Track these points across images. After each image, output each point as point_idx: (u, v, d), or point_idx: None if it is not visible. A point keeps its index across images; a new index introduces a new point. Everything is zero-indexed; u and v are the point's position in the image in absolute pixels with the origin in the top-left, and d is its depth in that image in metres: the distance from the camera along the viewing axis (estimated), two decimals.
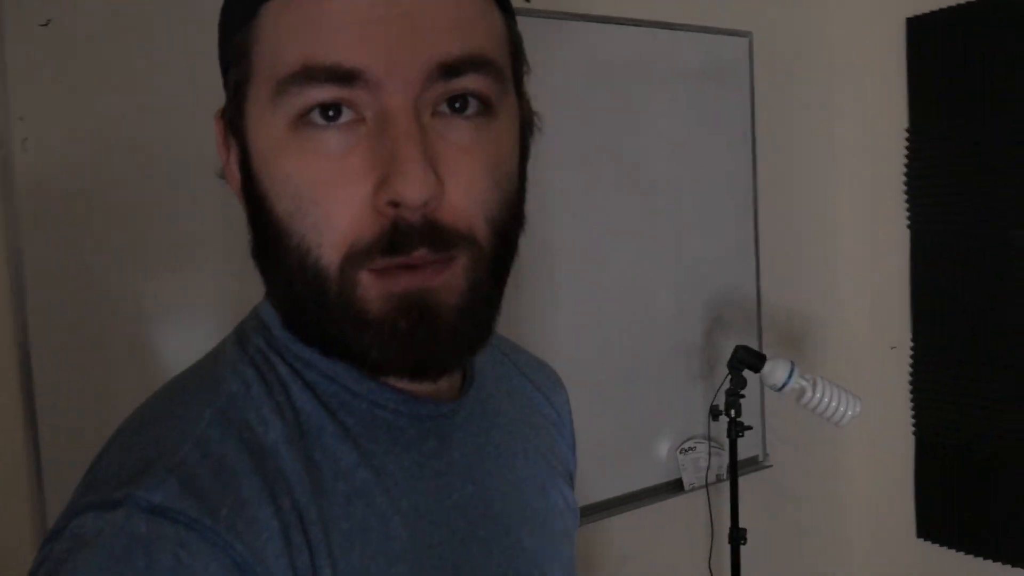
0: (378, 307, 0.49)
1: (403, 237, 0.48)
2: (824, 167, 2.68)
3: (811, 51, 2.64)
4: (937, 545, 2.55)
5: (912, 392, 2.58)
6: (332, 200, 0.48)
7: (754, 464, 2.46)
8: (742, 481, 2.16)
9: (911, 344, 2.57)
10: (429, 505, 0.55)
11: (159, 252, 1.52)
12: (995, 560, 2.39)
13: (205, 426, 0.50)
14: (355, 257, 0.49)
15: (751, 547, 2.11)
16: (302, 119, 0.48)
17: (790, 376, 1.80)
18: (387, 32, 0.47)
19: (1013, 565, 2.35)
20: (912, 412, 2.59)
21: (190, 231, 1.53)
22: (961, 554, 2.48)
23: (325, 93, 0.48)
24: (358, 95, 0.48)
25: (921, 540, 2.59)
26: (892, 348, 2.61)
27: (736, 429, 1.91)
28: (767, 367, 1.84)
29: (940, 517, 2.55)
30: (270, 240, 0.51)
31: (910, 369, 2.58)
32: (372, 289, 0.49)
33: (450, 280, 0.50)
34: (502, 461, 0.63)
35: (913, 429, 2.59)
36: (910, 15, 2.47)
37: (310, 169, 0.48)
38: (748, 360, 1.86)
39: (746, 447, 2.34)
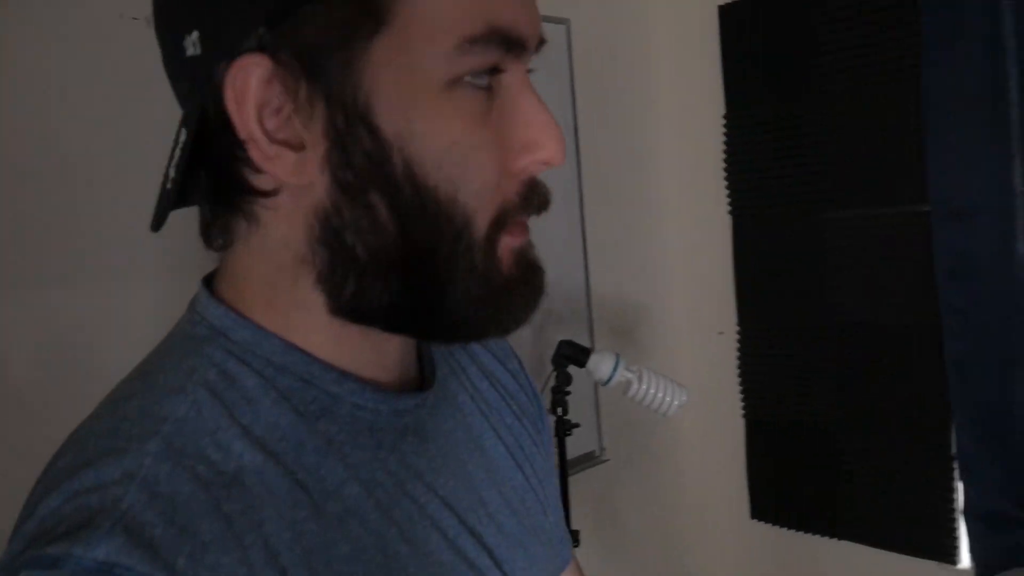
0: (508, 266, 0.50)
1: (535, 197, 0.50)
2: (646, 155, 2.66)
3: (629, 38, 2.61)
4: (770, 525, 2.57)
5: (740, 376, 2.59)
6: (489, 165, 0.48)
7: (591, 460, 2.40)
8: (578, 479, 2.08)
9: (737, 329, 2.58)
10: (420, 510, 0.53)
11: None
12: (825, 535, 2.43)
13: (151, 462, 0.45)
14: (500, 221, 0.49)
15: (586, 546, 2.03)
16: (457, 80, 0.47)
17: (615, 369, 1.73)
18: (533, 2, 0.49)
19: (841, 539, 2.40)
20: (741, 396, 2.60)
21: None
22: (793, 532, 2.52)
23: (495, 57, 0.47)
24: (511, 61, 0.48)
25: (755, 521, 2.60)
26: (719, 334, 2.62)
27: (564, 428, 1.82)
28: (592, 361, 1.76)
29: (772, 498, 2.57)
30: (410, 211, 0.47)
31: (737, 354, 2.58)
32: (505, 248, 0.50)
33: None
34: (473, 445, 0.61)
35: (743, 413, 2.60)
36: (722, 2, 2.47)
37: (470, 133, 0.47)
38: (572, 355, 1.78)
39: (582, 443, 2.27)
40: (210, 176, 0.49)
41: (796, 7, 2.31)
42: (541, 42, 0.51)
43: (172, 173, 0.47)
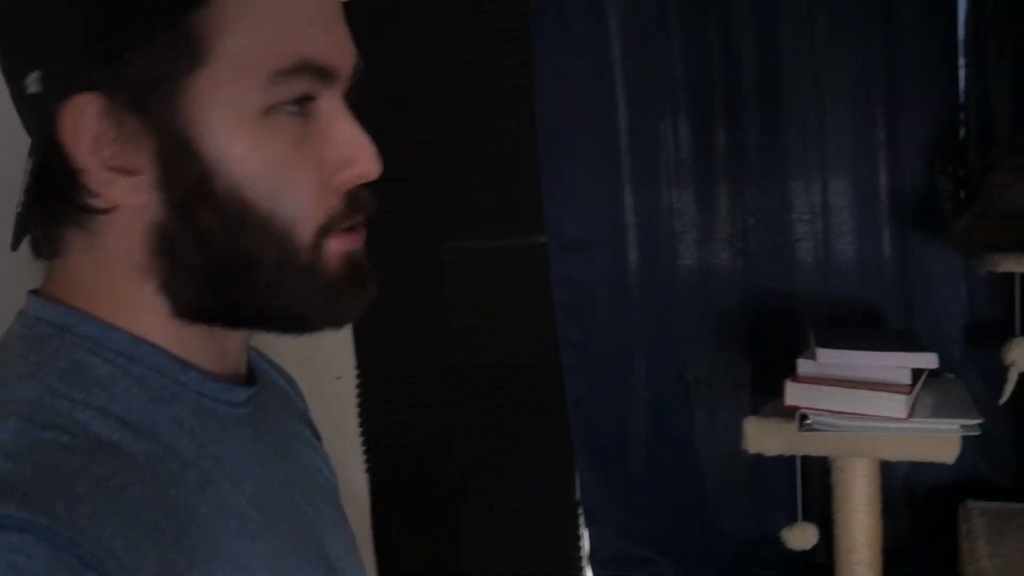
0: (336, 266, 0.56)
1: (358, 204, 0.57)
2: None
3: None
4: None
5: (361, 426, 2.28)
6: (307, 181, 0.54)
7: None
8: None
9: (356, 372, 2.27)
10: (263, 487, 0.58)
11: None
12: None
13: (12, 436, 0.47)
14: (326, 228, 0.55)
15: None
16: (272, 108, 0.52)
17: None
18: (345, 34, 0.57)
19: None
20: (363, 448, 2.29)
21: None
22: None
23: (306, 86, 0.53)
24: (324, 88, 0.54)
25: None
26: (337, 378, 2.29)
27: None
28: None
29: (399, 550, 2.29)
30: (234, 224, 0.53)
31: (357, 400, 2.28)
32: (332, 251, 0.55)
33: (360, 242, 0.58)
34: (289, 444, 0.67)
35: (366, 466, 2.29)
36: None
37: (285, 154, 0.53)
38: None
39: None
40: (52, 197, 0.53)
41: (406, 24, 2.07)
42: (358, 67, 0.58)
43: (21, 197, 0.53)
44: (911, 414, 1.46)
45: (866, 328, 1.79)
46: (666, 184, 1.92)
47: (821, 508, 1.79)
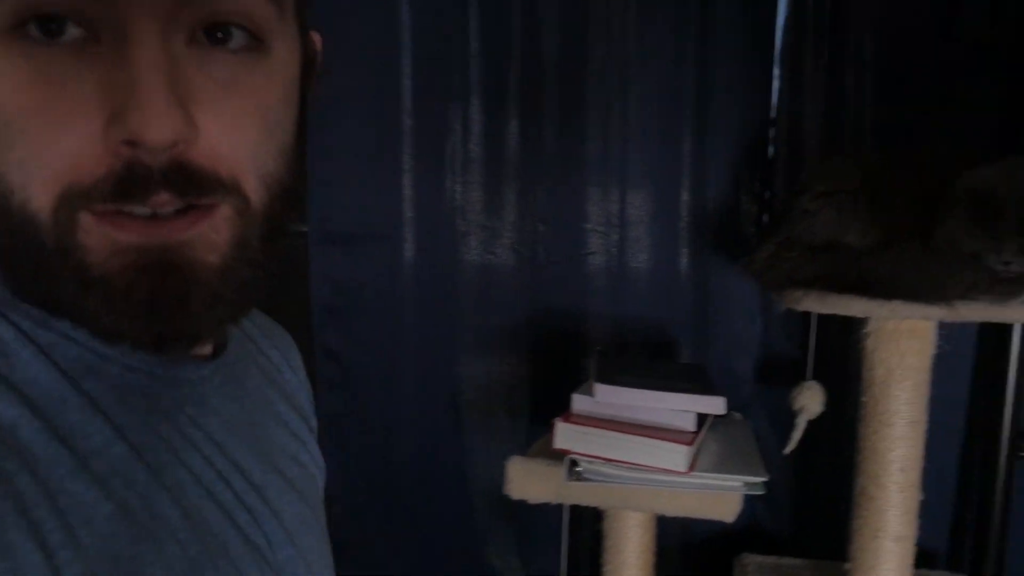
0: (105, 260, 0.42)
1: (138, 182, 0.41)
2: None
3: None
4: None
5: None
6: (46, 133, 0.41)
7: None
8: None
9: None
10: (196, 480, 0.49)
11: None
12: None
13: None
14: (72, 199, 0.41)
15: None
16: (16, 33, 0.40)
17: None
18: None
19: None
20: None
21: None
22: None
23: (46, 1, 0.40)
24: (90, 6, 0.40)
25: None
26: None
27: None
28: None
29: None
30: None
31: None
32: (94, 236, 0.42)
33: (208, 234, 0.44)
34: (256, 429, 0.58)
35: None
36: None
37: (21, 95, 0.41)
38: None
39: None
40: None
41: None
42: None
43: None
44: (692, 467, 1.26)
45: (654, 360, 1.60)
46: (451, 177, 1.65)
47: (591, 555, 1.59)
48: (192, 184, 0.42)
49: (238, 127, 0.44)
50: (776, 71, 1.54)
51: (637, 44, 1.56)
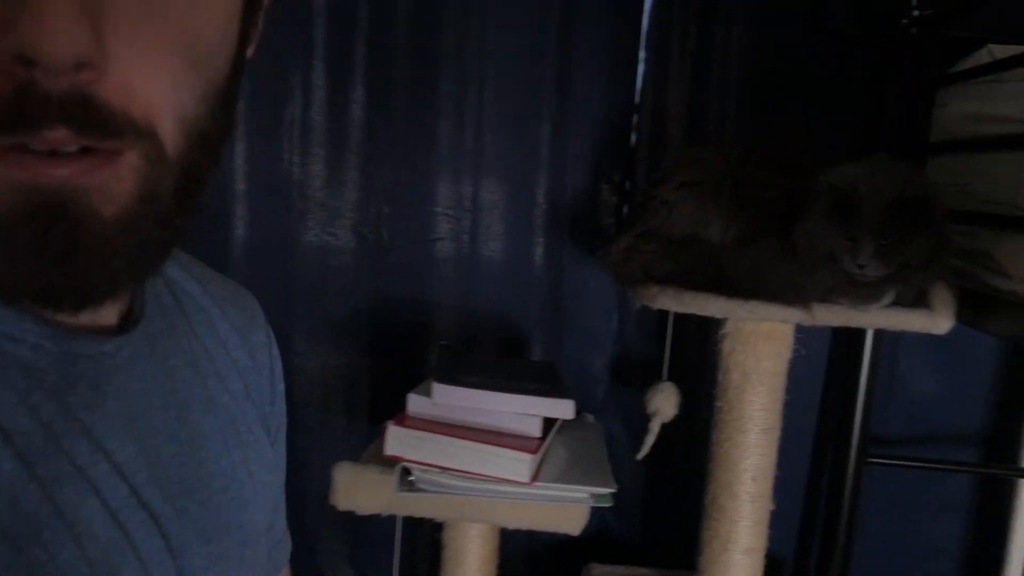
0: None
1: (31, 109, 0.35)
2: None
3: None
4: None
5: None
6: None
7: None
8: None
9: None
10: (78, 471, 0.42)
11: None
12: None
13: None
14: None
15: None
16: None
17: None
18: None
19: None
20: None
21: None
22: None
23: None
24: None
25: None
26: None
27: None
28: None
29: None
30: None
31: None
32: None
33: (111, 183, 0.38)
34: (174, 413, 0.51)
35: None
36: None
37: None
38: None
39: None
40: None
41: None
42: None
43: None
44: (536, 477, 1.15)
45: (502, 358, 1.49)
46: (288, 148, 1.47)
47: (431, 563, 1.46)
48: (96, 122, 0.36)
49: (157, 58, 0.38)
50: (642, 55, 1.45)
51: (497, 17, 1.43)
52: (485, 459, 1.13)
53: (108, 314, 0.48)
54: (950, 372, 1.53)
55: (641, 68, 1.45)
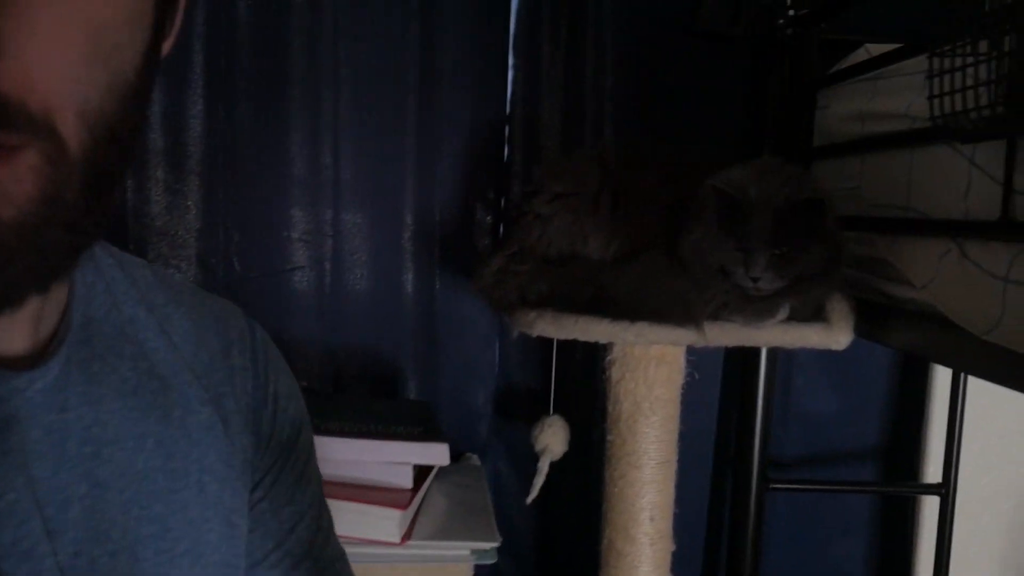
0: None
1: None
2: None
3: None
4: None
5: None
6: None
7: None
8: None
9: None
10: None
11: None
12: None
13: None
14: None
15: None
16: None
17: None
18: None
19: None
20: None
21: None
22: None
23: None
24: None
25: None
26: None
27: None
28: None
29: None
30: None
31: None
32: None
33: (7, 183, 0.35)
34: (91, 450, 0.45)
35: None
36: None
37: None
38: None
39: None
40: None
41: None
42: None
43: None
44: (409, 535, 1.00)
45: (371, 399, 1.33)
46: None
47: None
48: None
49: (58, 47, 0.35)
50: (511, 61, 1.34)
51: (352, 22, 1.29)
52: (349, 519, 0.98)
53: (19, 337, 0.44)
54: (845, 387, 1.47)
55: (511, 76, 1.34)
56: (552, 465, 1.27)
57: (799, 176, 0.97)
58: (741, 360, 1.38)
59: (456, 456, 1.39)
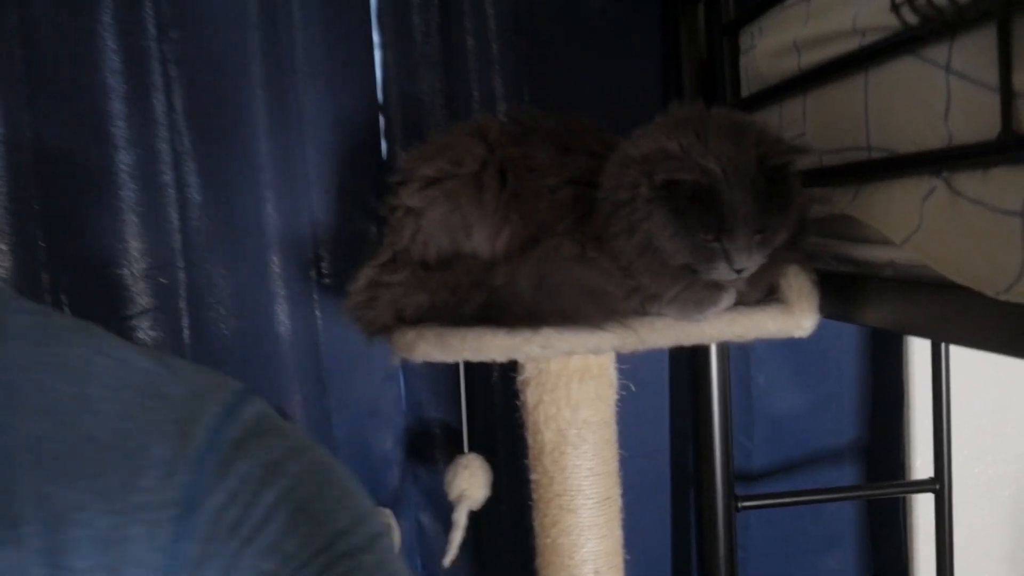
0: None
1: None
2: None
3: None
4: None
5: None
6: None
7: None
8: None
9: None
10: None
11: None
12: None
13: None
14: None
15: None
16: None
17: None
18: None
19: None
20: None
21: None
22: None
23: None
24: None
25: None
26: None
27: None
28: None
29: None
30: None
31: None
32: None
33: None
34: None
35: None
36: None
37: None
38: None
39: None
40: None
41: None
42: None
43: None
44: None
45: None
46: None
47: None
48: None
49: None
50: (376, 37, 1.10)
51: (173, 5, 1.04)
52: None
53: None
54: (812, 380, 1.24)
55: (379, 56, 1.10)
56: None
57: (748, 126, 0.75)
58: (688, 360, 1.15)
59: None
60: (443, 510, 1.14)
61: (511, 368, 0.88)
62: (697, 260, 0.72)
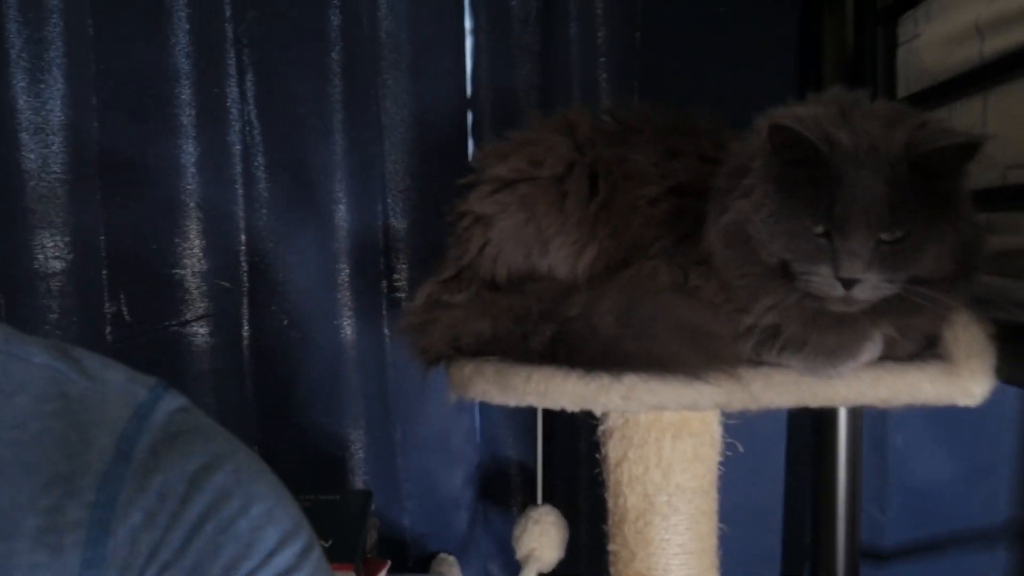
0: None
1: None
2: None
3: None
4: None
5: None
6: None
7: None
8: None
9: None
10: None
11: None
12: None
13: None
14: None
15: None
16: None
17: None
18: None
19: None
20: None
21: None
22: None
23: None
24: None
25: None
26: None
27: None
28: None
29: None
30: None
31: None
32: None
33: None
34: None
35: None
36: None
37: None
38: None
39: None
40: None
41: None
42: None
43: None
44: None
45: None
46: None
47: None
48: None
49: None
50: (468, 24, 0.97)
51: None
52: None
53: None
54: (963, 445, 1.03)
55: (470, 44, 0.97)
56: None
57: (913, 115, 0.57)
58: (812, 414, 0.97)
59: (427, 559, 1.01)
60: (516, 562, 1.00)
61: (592, 413, 0.73)
62: (796, 255, 0.55)
